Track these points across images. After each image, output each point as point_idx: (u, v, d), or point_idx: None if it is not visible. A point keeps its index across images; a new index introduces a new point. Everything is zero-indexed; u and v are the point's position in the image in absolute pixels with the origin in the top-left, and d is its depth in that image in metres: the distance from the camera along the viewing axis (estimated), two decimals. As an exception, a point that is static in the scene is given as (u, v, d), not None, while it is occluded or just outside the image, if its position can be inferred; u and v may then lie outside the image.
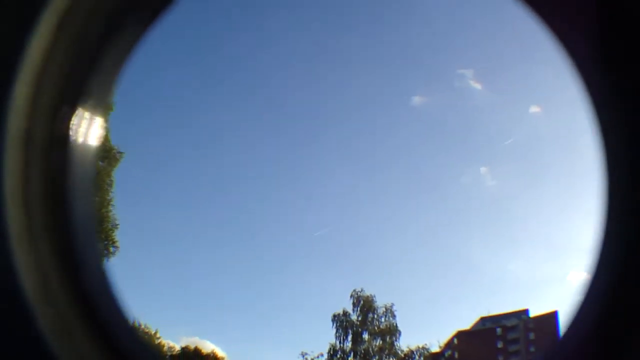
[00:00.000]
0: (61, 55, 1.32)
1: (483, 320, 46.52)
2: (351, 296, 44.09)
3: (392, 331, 44.24)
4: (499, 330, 46.85)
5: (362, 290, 44.36)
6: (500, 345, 48.05)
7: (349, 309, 44.03)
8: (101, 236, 22.34)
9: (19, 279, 1.24)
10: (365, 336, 44.19)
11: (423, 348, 45.41)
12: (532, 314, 45.51)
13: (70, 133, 1.34)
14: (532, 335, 48.61)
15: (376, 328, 44.06)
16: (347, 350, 43.52)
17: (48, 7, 1.28)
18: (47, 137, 1.33)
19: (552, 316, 46.93)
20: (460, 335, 48.56)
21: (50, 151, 1.33)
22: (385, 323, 44.06)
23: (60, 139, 1.34)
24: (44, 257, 1.30)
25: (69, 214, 1.34)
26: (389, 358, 44.36)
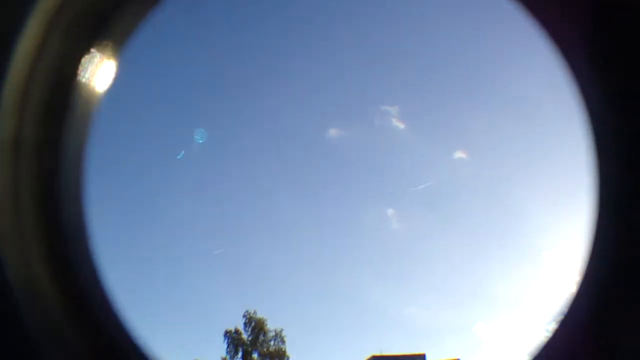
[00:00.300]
0: (50, 58, 1.31)
1: (375, 358, 46.26)
2: (244, 316, 44.50)
3: (281, 356, 44.68)
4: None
5: (255, 312, 44.73)
6: (393, 385, 47.91)
7: (242, 327, 44.44)
8: None
9: (7, 277, 1.22)
10: (256, 356, 44.59)
11: (311, 376, 45.91)
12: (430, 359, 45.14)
13: (62, 134, 1.33)
14: (430, 379, 48.26)
15: (266, 350, 44.44)
16: (237, 368, 43.86)
17: (36, 10, 1.26)
18: (37, 139, 1.31)
19: None
20: (350, 369, 48.62)
21: (41, 153, 1.31)
22: (275, 347, 44.48)
23: (50, 141, 1.32)
24: (34, 256, 1.29)
25: (60, 214, 1.33)
26: (276, 381, 44.70)
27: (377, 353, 45.61)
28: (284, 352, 44.49)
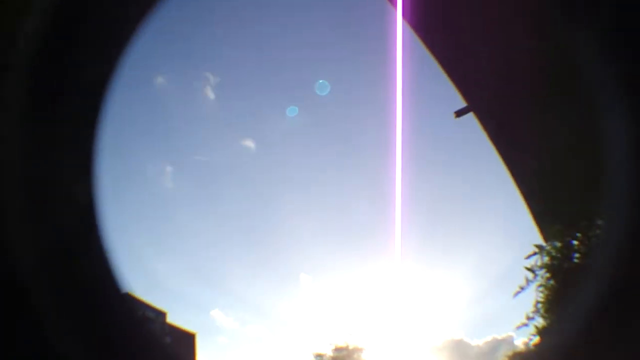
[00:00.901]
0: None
1: (129, 296, 47.34)
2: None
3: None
4: (140, 314, 48.07)
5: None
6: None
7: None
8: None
9: (17, 264, 1.23)
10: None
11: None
12: (170, 321, 46.63)
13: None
14: (169, 340, 49.96)
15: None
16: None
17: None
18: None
19: (191, 337, 48.01)
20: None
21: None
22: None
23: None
24: (43, 242, 1.28)
25: (67, 200, 1.32)
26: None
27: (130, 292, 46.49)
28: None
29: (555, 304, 5.37)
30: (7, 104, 1.27)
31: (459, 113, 6.02)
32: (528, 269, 5.06)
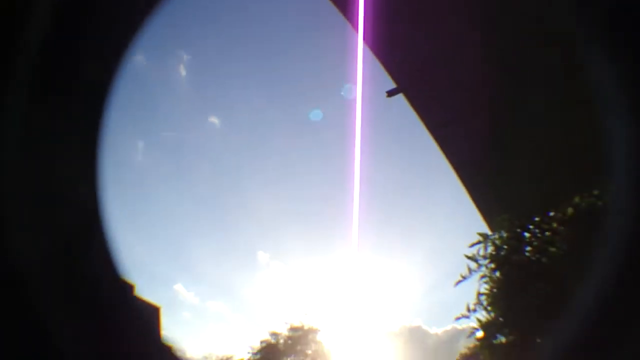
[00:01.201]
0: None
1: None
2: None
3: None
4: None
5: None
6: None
7: None
8: None
9: (19, 263, 1.21)
10: None
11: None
12: (137, 294, 46.79)
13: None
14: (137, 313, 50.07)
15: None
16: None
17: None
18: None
19: (156, 310, 48.40)
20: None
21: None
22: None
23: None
24: (45, 241, 1.26)
25: (69, 200, 1.31)
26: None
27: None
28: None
29: (500, 296, 5.13)
30: (7, 104, 1.29)
31: (390, 93, 5.86)
32: (469, 258, 4.81)
